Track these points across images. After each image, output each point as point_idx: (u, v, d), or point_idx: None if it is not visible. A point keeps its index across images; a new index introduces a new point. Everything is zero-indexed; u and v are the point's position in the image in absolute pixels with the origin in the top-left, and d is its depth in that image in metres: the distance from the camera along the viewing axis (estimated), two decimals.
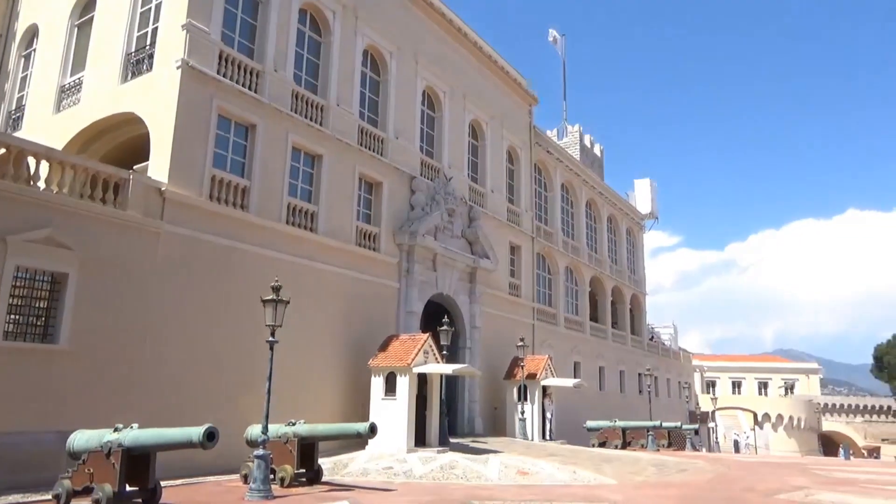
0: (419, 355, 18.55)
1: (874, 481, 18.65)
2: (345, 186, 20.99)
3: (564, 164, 38.45)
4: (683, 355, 58.14)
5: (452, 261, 25.19)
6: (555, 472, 16.17)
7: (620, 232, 46.83)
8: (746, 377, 74.36)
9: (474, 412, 25.83)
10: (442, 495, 11.94)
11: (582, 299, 39.10)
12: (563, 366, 32.98)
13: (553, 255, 35.90)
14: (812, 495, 14.37)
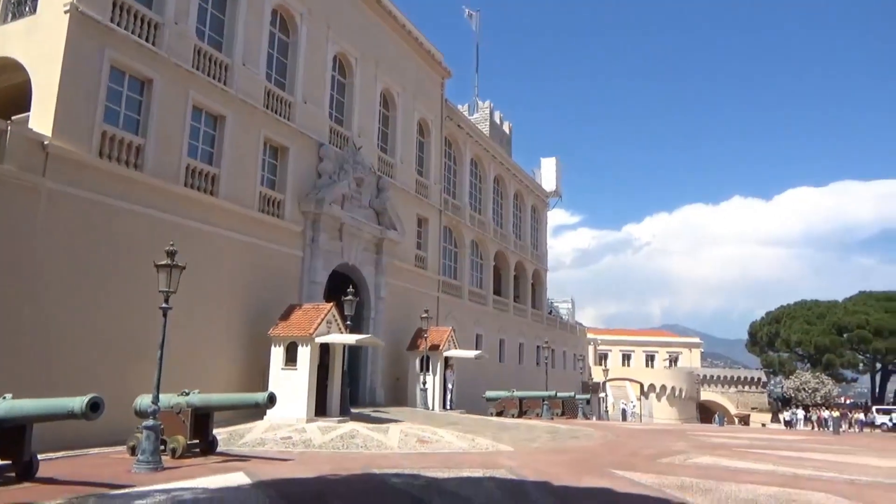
0: (322, 325, 18.33)
1: (744, 446, 20.32)
2: (249, 150, 20.22)
3: (474, 140, 38.75)
4: (579, 329, 60.67)
5: (359, 231, 24.94)
6: (454, 440, 16.53)
7: (526, 208, 47.92)
8: (635, 350, 78.68)
9: (376, 383, 25.91)
10: (341, 464, 11.94)
11: (486, 273, 39.86)
12: (466, 338, 33.62)
13: (460, 229, 36.29)
14: (690, 459, 15.47)
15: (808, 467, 14.71)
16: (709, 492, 10.28)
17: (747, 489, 10.67)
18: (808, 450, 20.23)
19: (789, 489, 10.86)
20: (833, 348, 59.95)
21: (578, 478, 11.34)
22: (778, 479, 12.17)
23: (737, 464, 14.77)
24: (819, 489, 11.03)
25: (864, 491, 11.11)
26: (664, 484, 10.99)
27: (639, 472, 12.35)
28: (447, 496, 9.00)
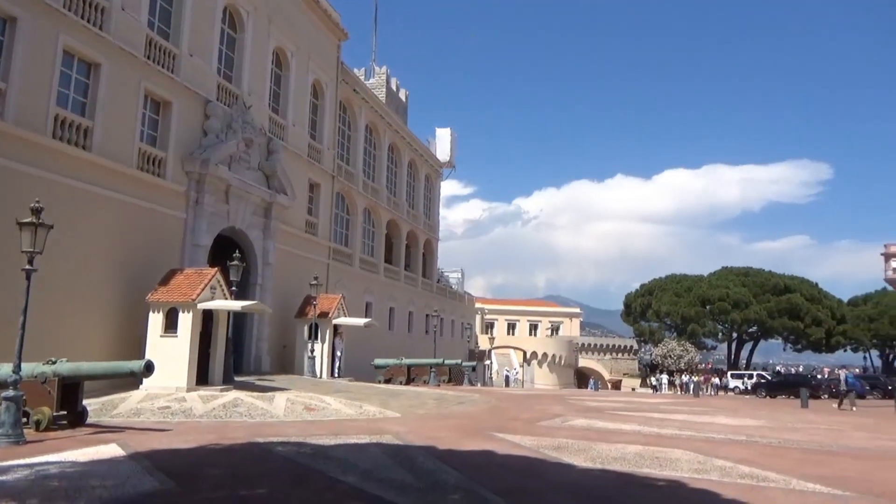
0: (205, 291, 17.62)
1: (615, 409, 21.75)
2: (127, 102, 18.85)
3: (370, 105, 38.18)
4: (468, 298, 62.08)
5: (247, 193, 24.05)
6: (342, 407, 16.55)
7: (420, 178, 48.03)
8: (520, 319, 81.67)
9: (262, 350, 25.35)
10: (223, 434, 11.66)
11: (378, 241, 39.75)
12: (356, 305, 33.51)
13: (352, 196, 35.86)
14: (567, 422, 16.38)
15: (671, 427, 16.00)
16: (582, 451, 10.96)
17: (617, 448, 11.47)
18: (671, 411, 21.96)
19: (653, 447, 11.79)
20: (697, 319, 64.94)
21: (463, 442, 11.73)
22: (644, 439, 13.16)
23: (608, 425, 15.81)
24: (679, 446, 12.06)
25: (717, 447, 12.25)
26: (542, 445, 11.60)
27: (519, 435, 12.94)
28: (333, 463, 9.05)
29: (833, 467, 10.41)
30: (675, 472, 9.36)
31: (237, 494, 7.05)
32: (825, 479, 9.12)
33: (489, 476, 8.50)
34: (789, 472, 9.69)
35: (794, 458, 11.42)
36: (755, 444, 13.10)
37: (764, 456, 11.39)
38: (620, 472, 9.26)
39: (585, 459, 10.18)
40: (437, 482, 8.03)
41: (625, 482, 8.56)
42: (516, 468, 9.40)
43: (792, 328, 64.16)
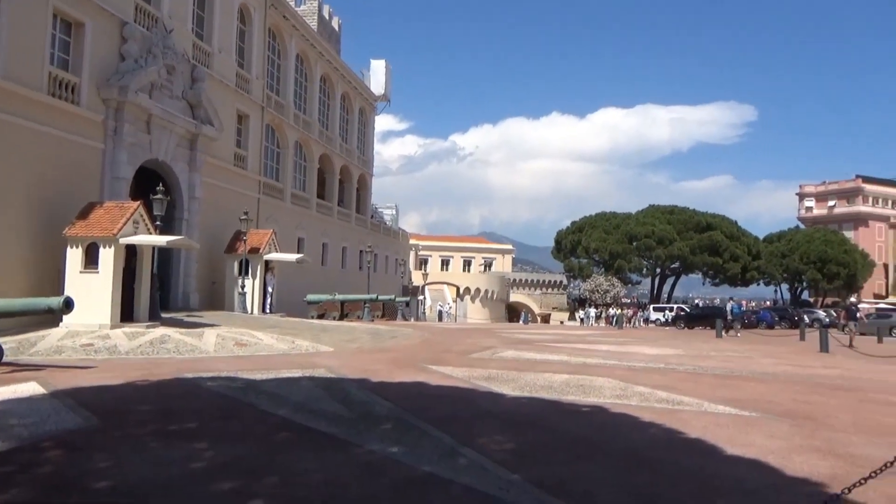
0: (128, 225, 16.91)
1: (544, 341, 22.52)
2: (34, 22, 17.38)
3: (301, 34, 36.59)
4: (402, 235, 62.08)
5: (170, 124, 22.91)
6: (274, 342, 16.48)
7: (353, 111, 46.88)
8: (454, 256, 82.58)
9: (190, 287, 24.77)
10: (150, 370, 11.44)
11: (310, 176, 38.92)
12: (288, 241, 33.00)
13: (283, 128, 34.74)
14: (497, 353, 16.87)
15: (595, 357, 16.74)
16: (511, 381, 11.34)
17: (544, 377, 11.93)
18: (597, 342, 22.94)
19: (578, 376, 12.32)
20: (624, 255, 67.25)
21: (395, 374, 11.93)
22: (570, 368, 13.73)
23: (537, 356, 16.39)
24: (602, 374, 12.65)
25: (636, 374, 12.92)
26: (473, 376, 11.94)
27: (451, 367, 13.26)
28: (265, 397, 9.05)
29: (741, 391, 11.17)
30: (598, 398, 9.83)
31: (165, 430, 6.98)
32: (734, 402, 9.80)
33: (421, 406, 8.71)
34: (702, 396, 10.34)
35: (708, 383, 12.18)
36: (672, 372, 13.88)
37: (680, 382, 12.10)
38: (548, 399, 9.65)
39: (515, 388, 10.55)
40: (369, 413, 8.18)
41: (552, 409, 8.94)
42: (448, 398, 9.65)
43: (711, 264, 67.35)
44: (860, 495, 4.76)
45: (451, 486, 5.22)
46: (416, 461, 5.89)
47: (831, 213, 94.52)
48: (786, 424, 8.24)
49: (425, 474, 5.52)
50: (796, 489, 5.47)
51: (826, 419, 8.72)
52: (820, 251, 71.06)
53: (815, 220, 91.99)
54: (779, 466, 6.20)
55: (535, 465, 5.95)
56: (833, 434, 7.76)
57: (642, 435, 7.49)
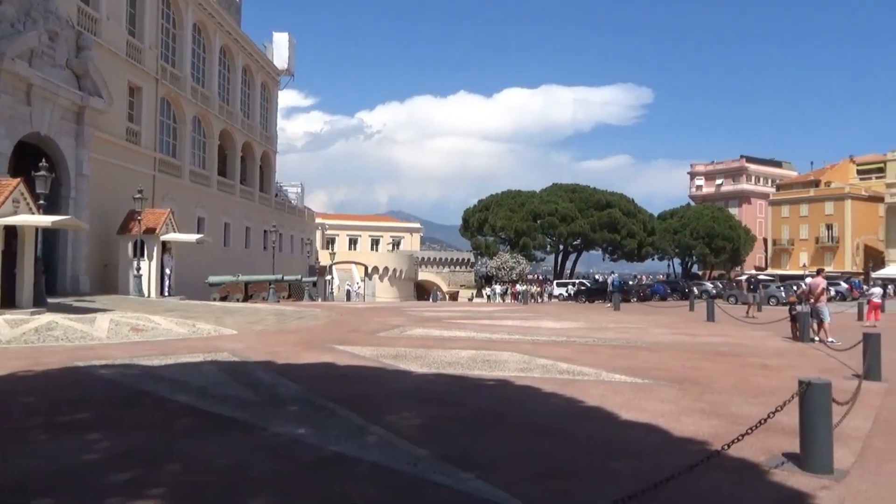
0: (7, 204, 15.65)
1: (451, 318, 22.84)
2: None
3: (198, 2, 34.80)
4: (308, 213, 60.89)
5: (53, 95, 21.30)
6: (173, 326, 15.84)
7: (255, 86, 45.25)
8: (362, 235, 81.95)
9: (80, 270, 23.30)
10: (36, 359, 10.72)
11: (210, 152, 37.36)
12: (187, 220, 31.63)
13: (180, 102, 33.07)
14: (406, 332, 16.97)
15: (502, 332, 17.16)
16: (419, 358, 11.47)
17: (451, 354, 12.14)
18: (503, 318, 23.50)
19: (484, 351, 12.61)
20: (529, 232, 69.00)
21: (302, 355, 11.78)
22: (476, 344, 14.03)
23: (444, 333, 16.62)
24: (508, 349, 13.01)
25: (540, 348, 13.38)
26: (381, 354, 11.97)
27: (359, 346, 13.23)
28: (165, 383, 8.71)
29: (636, 360, 11.82)
30: (503, 372, 10.12)
31: (54, 421, 6.59)
32: (629, 370, 10.36)
33: (329, 386, 8.66)
34: (600, 365, 10.86)
35: (605, 353, 12.79)
36: (573, 344, 14.47)
37: (580, 353, 12.64)
38: (455, 375, 9.84)
39: (422, 365, 10.68)
40: (276, 395, 8.05)
41: (458, 384, 9.12)
42: (356, 377, 9.65)
43: (610, 240, 70.33)
44: (738, 450, 5.19)
45: (359, 464, 5.25)
46: (324, 441, 5.87)
47: (718, 191, 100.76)
48: (675, 389, 8.81)
49: (333, 454, 5.52)
50: (684, 448, 5.88)
51: (711, 383, 9.39)
52: (708, 227, 75.79)
53: (705, 198, 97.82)
54: (668, 428, 6.64)
55: (443, 440, 6.07)
56: (716, 396, 8.37)
57: (544, 405, 7.79)
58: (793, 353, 13.49)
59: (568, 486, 4.82)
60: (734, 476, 5.12)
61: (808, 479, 5.08)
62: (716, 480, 4.92)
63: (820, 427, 5.27)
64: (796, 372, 9.22)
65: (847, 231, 77.26)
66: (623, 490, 4.19)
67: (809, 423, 5.28)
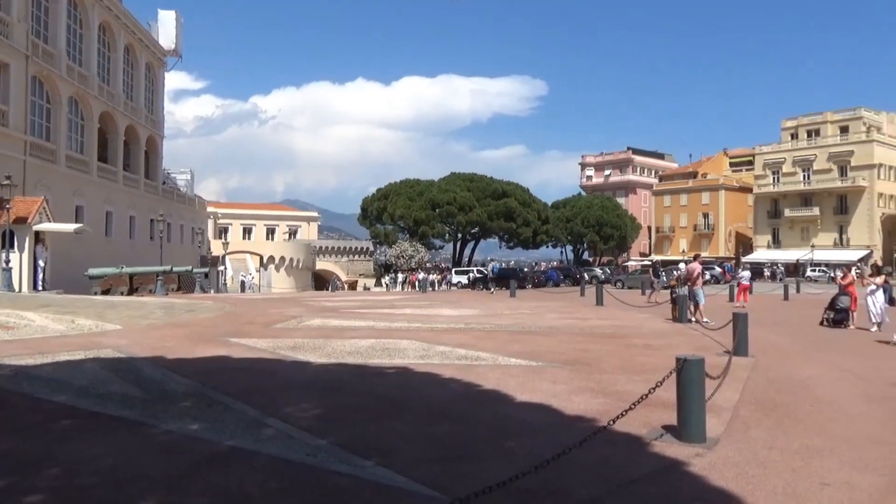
0: None
1: (350, 307, 22.70)
2: None
3: None
4: (199, 202, 58.33)
5: None
6: (49, 323, 14.75)
7: (139, 66, 42.66)
8: (257, 224, 79.48)
9: None
10: None
11: (89, 136, 34.91)
12: (64, 209, 29.46)
13: (54, 82, 30.66)
14: (303, 322, 16.69)
15: (401, 321, 17.26)
16: (318, 349, 11.34)
17: (351, 343, 12.08)
18: (402, 307, 23.61)
19: (384, 339, 12.65)
20: (427, 221, 69.44)
21: (194, 349, 11.33)
22: (376, 333, 14.04)
23: (343, 323, 16.50)
24: (406, 337, 13.11)
25: (439, 335, 13.58)
26: (278, 346, 11.73)
27: (254, 338, 12.90)
28: (40, 383, 8.13)
29: (530, 344, 12.26)
30: (402, 359, 10.20)
31: None
32: (524, 354, 10.74)
33: (223, 380, 8.41)
34: (497, 350, 11.18)
35: (502, 339, 13.17)
36: (471, 330, 14.79)
37: (478, 339, 12.94)
38: (354, 364, 9.82)
39: (321, 356, 10.57)
40: (165, 392, 7.72)
41: (358, 373, 9.12)
42: (251, 370, 9.41)
43: (506, 228, 72.07)
44: (623, 425, 5.53)
45: (255, 457, 5.16)
46: (218, 436, 5.72)
47: (607, 181, 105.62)
48: (567, 371, 9.23)
49: (228, 449, 5.38)
50: (574, 425, 6.20)
51: (599, 364, 9.91)
52: (598, 216, 79.39)
53: (595, 188, 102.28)
54: (560, 408, 6.97)
55: (342, 429, 6.07)
56: (604, 376, 8.85)
57: (443, 390, 7.95)
58: (672, 334, 14.46)
59: (466, 467, 4.96)
60: (619, 449, 5.46)
61: (684, 448, 5.51)
62: (603, 454, 5.23)
63: (694, 400, 5.71)
64: (675, 350, 9.90)
65: (721, 219, 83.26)
66: (517, 467, 4.37)
67: (685, 397, 5.71)
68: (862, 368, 10.15)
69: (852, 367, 10.22)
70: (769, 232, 75.81)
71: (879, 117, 73.91)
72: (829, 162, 70.98)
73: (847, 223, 69.63)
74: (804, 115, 76.14)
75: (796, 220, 73.16)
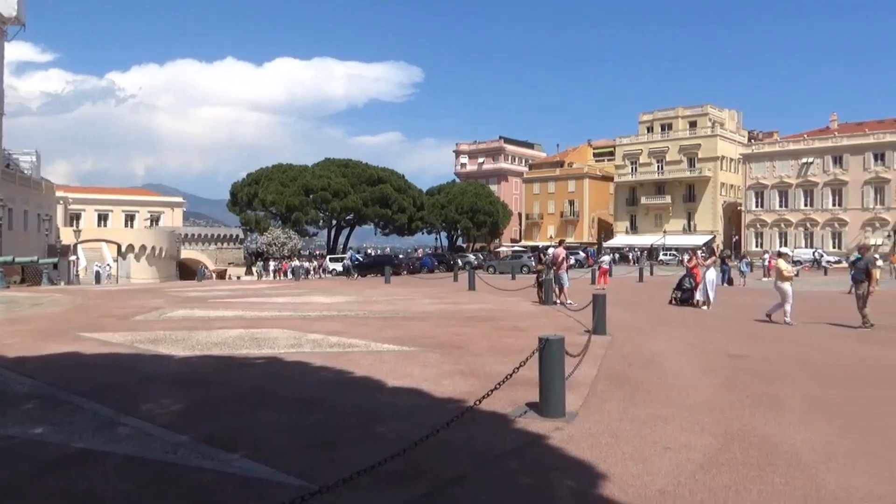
0: None
1: (218, 297, 21.78)
2: None
3: None
4: (46, 186, 53.36)
5: None
6: None
7: None
8: (114, 210, 73.98)
9: None
10: None
11: None
12: None
13: None
14: (165, 314, 15.81)
15: (272, 310, 16.80)
16: (181, 341, 10.79)
17: (217, 334, 11.61)
18: (274, 295, 22.97)
19: (253, 329, 12.27)
20: (301, 207, 67.87)
21: (40, 346, 10.40)
22: (245, 322, 13.58)
23: (210, 313, 15.80)
24: (277, 326, 12.80)
25: (311, 323, 13.37)
26: (137, 340, 11.04)
27: (110, 332, 12.05)
28: None
29: (403, 329, 12.38)
30: (272, 349, 9.95)
31: None
32: (396, 340, 10.82)
33: (73, 378, 7.80)
34: (370, 337, 11.19)
35: (376, 325, 13.19)
36: (345, 318, 14.68)
37: (351, 326, 12.88)
38: (220, 355, 9.45)
39: (184, 348, 10.08)
40: (5, 394, 7.05)
41: (224, 364, 8.79)
42: (106, 366, 8.80)
43: (382, 215, 72.03)
44: (489, 404, 5.75)
45: (108, 458, 4.85)
46: (67, 439, 5.31)
47: (481, 169, 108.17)
48: (438, 354, 9.42)
49: (78, 451, 5.02)
50: (443, 407, 6.34)
51: (470, 346, 10.19)
52: (471, 203, 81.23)
53: (469, 175, 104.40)
54: (430, 391, 7.11)
55: (206, 423, 5.85)
56: (474, 358, 9.12)
57: (314, 378, 7.85)
58: (539, 315, 15.16)
59: (335, 454, 4.95)
60: (485, 427, 5.67)
61: (545, 423, 5.81)
62: (470, 433, 5.40)
63: (555, 377, 6.04)
64: (541, 331, 10.35)
65: (585, 206, 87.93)
66: (386, 451, 4.42)
67: (546, 375, 6.03)
68: (703, 342, 11.18)
69: (694, 341, 11.22)
70: (628, 218, 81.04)
71: (723, 114, 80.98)
72: (680, 154, 76.90)
73: (694, 210, 75.89)
74: (659, 110, 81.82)
75: (651, 208, 78.71)
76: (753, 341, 11.33)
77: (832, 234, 66.40)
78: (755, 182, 71.46)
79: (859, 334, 12.40)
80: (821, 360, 9.45)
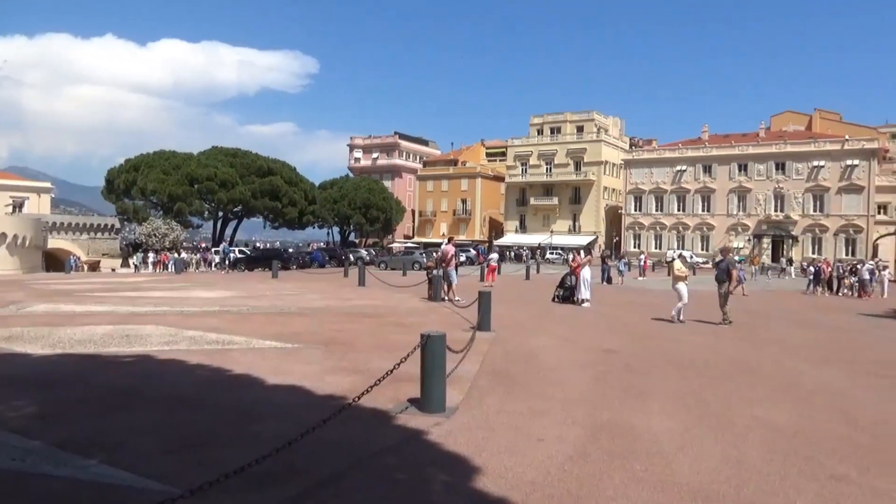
0: None
1: (88, 291, 20.32)
2: None
3: None
4: None
5: None
6: None
7: None
8: None
9: None
10: None
11: None
12: None
13: None
14: (25, 308, 14.57)
15: (147, 304, 15.87)
16: (41, 338, 9.98)
17: (83, 331, 10.82)
18: (151, 289, 21.74)
19: (124, 325, 11.54)
20: (185, 197, 64.49)
21: None
22: (116, 318, 12.74)
23: (77, 308, 14.72)
24: (152, 322, 12.11)
25: (189, 319, 12.76)
26: None
27: None
28: None
29: (287, 326, 12.07)
30: (144, 347, 9.40)
31: None
32: (280, 336, 10.54)
33: None
34: (252, 334, 10.83)
35: (258, 321, 12.79)
36: (226, 314, 14.12)
37: (232, 323, 12.40)
38: (85, 353, 8.82)
39: (44, 346, 9.33)
40: None
41: (89, 363, 8.21)
42: None
43: (272, 208, 69.85)
44: (370, 400, 5.71)
45: None
46: None
47: (375, 164, 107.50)
48: (321, 351, 9.26)
49: None
50: (324, 404, 6.24)
51: (354, 343, 10.10)
52: (365, 198, 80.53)
53: (363, 170, 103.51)
54: (312, 388, 6.97)
55: (62, 426, 5.43)
56: (358, 355, 9.05)
57: (189, 377, 7.50)
58: (426, 312, 15.27)
59: (205, 455, 4.74)
60: (365, 424, 5.63)
61: (426, 418, 5.85)
62: (349, 430, 5.35)
63: (436, 373, 6.09)
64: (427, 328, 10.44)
65: (477, 205, 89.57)
66: (260, 451, 4.28)
67: (428, 370, 6.07)
68: (580, 338, 11.69)
69: (572, 337, 11.71)
70: (517, 218, 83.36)
71: (607, 121, 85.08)
72: (567, 157, 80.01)
73: (580, 212, 79.25)
74: (549, 114, 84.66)
75: (539, 208, 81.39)
76: (626, 337, 11.99)
77: (701, 238, 71.48)
78: (634, 187, 75.60)
79: (716, 330, 13.43)
80: (683, 355, 10.14)
